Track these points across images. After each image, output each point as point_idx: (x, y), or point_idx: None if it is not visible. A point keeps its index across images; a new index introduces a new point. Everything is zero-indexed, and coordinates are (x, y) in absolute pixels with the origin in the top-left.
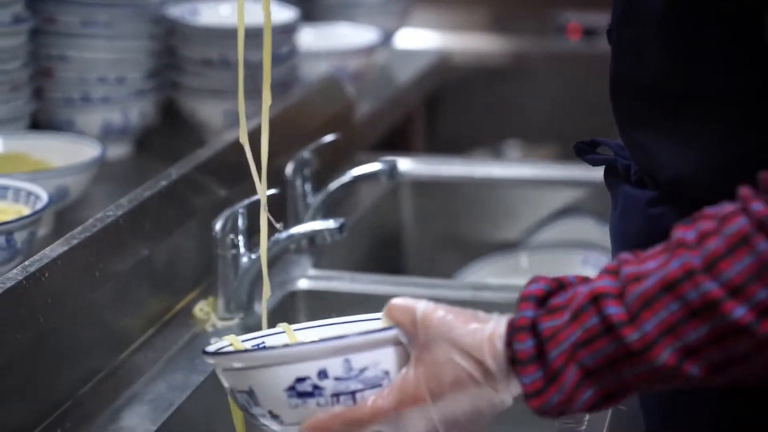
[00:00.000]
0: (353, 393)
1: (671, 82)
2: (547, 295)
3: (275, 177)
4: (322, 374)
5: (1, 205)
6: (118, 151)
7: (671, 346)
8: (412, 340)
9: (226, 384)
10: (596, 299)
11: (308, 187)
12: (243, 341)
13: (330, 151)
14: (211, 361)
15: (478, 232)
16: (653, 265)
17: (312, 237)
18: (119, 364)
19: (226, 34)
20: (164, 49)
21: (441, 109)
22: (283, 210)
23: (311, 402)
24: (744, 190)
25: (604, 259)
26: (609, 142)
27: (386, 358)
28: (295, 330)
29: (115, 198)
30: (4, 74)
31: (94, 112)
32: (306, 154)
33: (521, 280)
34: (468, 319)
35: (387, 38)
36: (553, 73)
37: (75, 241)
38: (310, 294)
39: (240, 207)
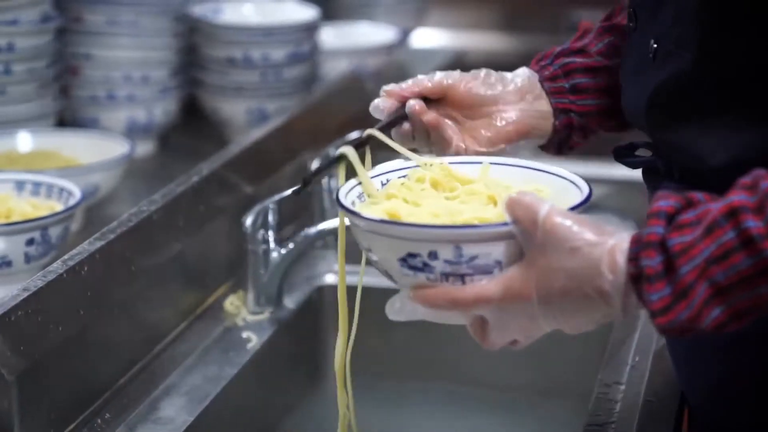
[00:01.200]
0: (462, 276)
1: (711, 70)
2: (677, 211)
3: (301, 173)
4: (433, 255)
5: (34, 201)
6: (142, 148)
7: None
8: (530, 239)
9: (355, 235)
10: (733, 213)
11: (334, 183)
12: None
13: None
14: (343, 212)
15: None
16: None
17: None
18: (155, 356)
19: (249, 33)
20: (187, 47)
21: None
22: (309, 206)
23: (421, 275)
24: None
25: None
26: (644, 144)
27: (498, 250)
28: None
29: (140, 194)
30: (31, 72)
31: (118, 109)
32: (331, 150)
33: None
34: (592, 230)
35: (405, 36)
36: None
37: (112, 236)
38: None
39: (270, 202)
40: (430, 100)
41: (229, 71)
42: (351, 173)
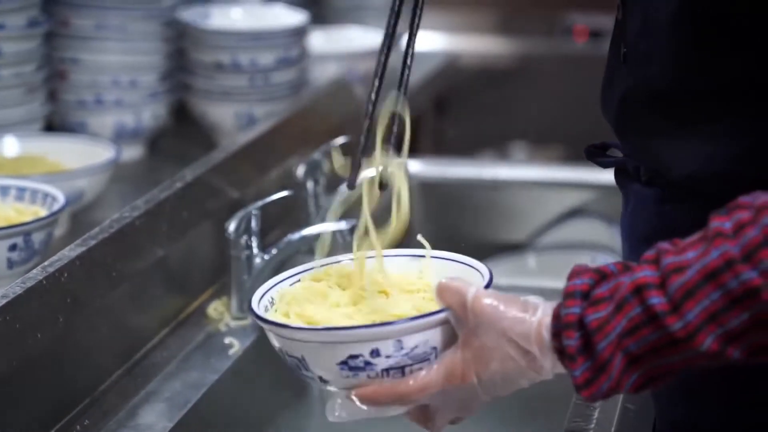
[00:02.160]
0: (402, 368)
1: (683, 84)
2: (591, 288)
3: (287, 178)
4: (375, 353)
5: (18, 206)
6: (131, 153)
7: (714, 333)
8: (462, 323)
9: (275, 344)
10: (639, 290)
11: (320, 189)
12: (296, 273)
13: (342, 153)
14: (265, 327)
15: (485, 233)
16: (693, 255)
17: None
18: (136, 362)
19: (237, 38)
20: (176, 52)
21: (449, 110)
22: (295, 212)
23: (362, 374)
24: None
25: (611, 261)
26: (618, 144)
27: (435, 337)
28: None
29: (128, 199)
30: (19, 77)
31: (107, 114)
32: (317, 156)
33: (529, 281)
34: (516, 308)
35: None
36: (560, 74)
37: (93, 242)
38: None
39: (253, 208)
40: None
41: (218, 76)
42: None
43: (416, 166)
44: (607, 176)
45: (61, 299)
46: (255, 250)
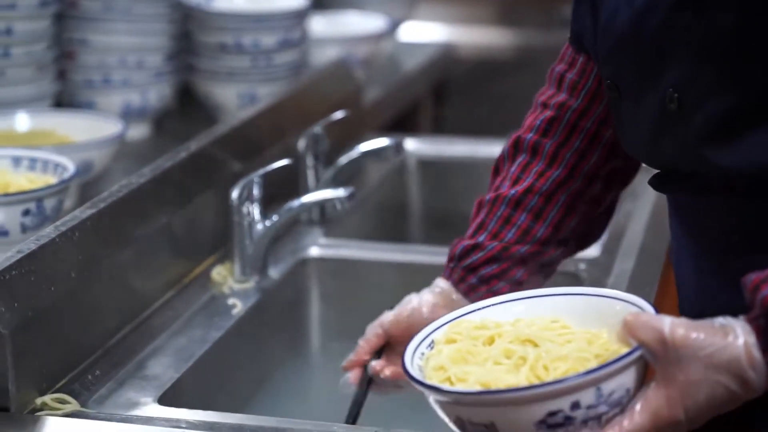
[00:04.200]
0: (600, 416)
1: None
2: None
3: (288, 152)
4: (575, 405)
5: (30, 175)
6: (137, 131)
7: None
8: (660, 359)
9: (453, 413)
10: None
11: (319, 161)
12: (426, 336)
13: (340, 131)
14: (448, 399)
15: None
16: None
17: (323, 206)
18: (143, 320)
19: (240, 20)
20: (181, 34)
21: (447, 101)
22: (295, 183)
23: (560, 430)
24: None
25: (604, 236)
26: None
27: (630, 378)
28: (483, 308)
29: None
30: (29, 55)
31: (114, 93)
32: (317, 129)
33: None
34: (716, 333)
35: (394, 27)
36: None
37: (102, 205)
38: (321, 261)
39: (255, 176)
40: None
41: (221, 57)
42: None
43: (414, 145)
44: None
45: (72, 256)
46: (257, 217)
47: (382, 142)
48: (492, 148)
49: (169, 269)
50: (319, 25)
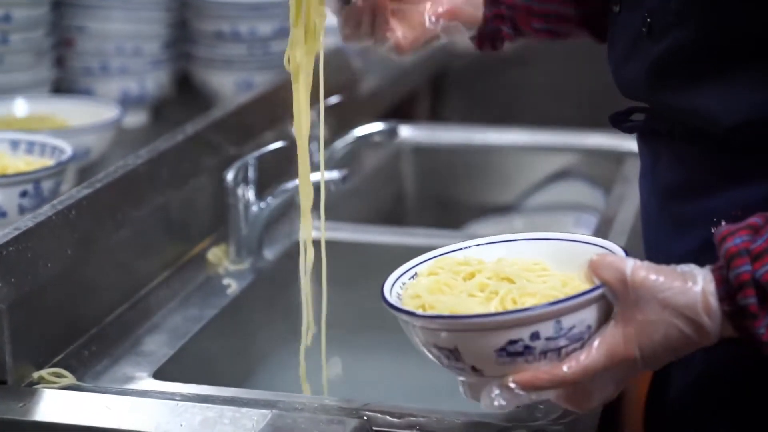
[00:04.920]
0: (559, 349)
1: (720, 38)
2: (752, 243)
3: (283, 137)
4: (534, 336)
5: (28, 158)
6: (135, 118)
7: None
8: (620, 298)
9: (420, 337)
10: None
11: (315, 145)
12: (410, 267)
13: (337, 119)
14: (422, 324)
15: (474, 195)
16: None
17: (317, 188)
18: (139, 299)
19: (237, 7)
20: (179, 21)
21: (445, 94)
22: (291, 166)
23: (519, 360)
24: None
25: (594, 220)
26: (641, 108)
27: (591, 315)
28: (468, 247)
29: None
30: (28, 42)
31: (112, 81)
32: (312, 114)
33: None
34: (677, 278)
35: None
36: (557, 58)
37: (99, 185)
38: (316, 243)
39: (250, 158)
40: None
41: (218, 45)
42: None
43: (409, 132)
44: (591, 140)
45: (69, 234)
46: (252, 199)
47: (376, 126)
48: (486, 135)
49: (165, 250)
50: None
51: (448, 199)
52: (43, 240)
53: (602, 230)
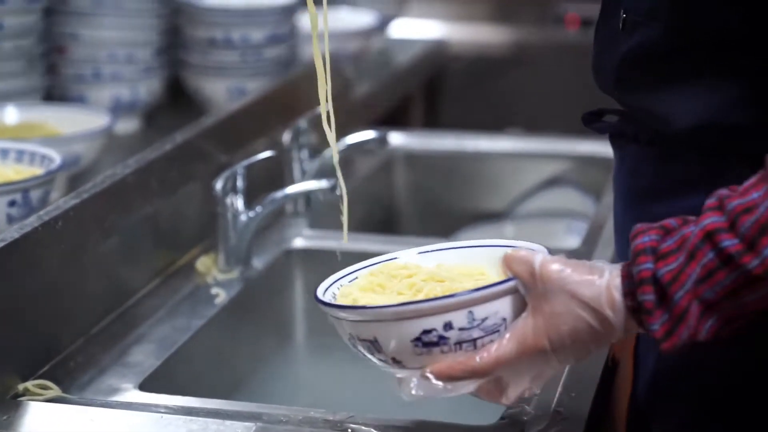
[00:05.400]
0: (474, 340)
1: (681, 37)
2: (658, 243)
3: (274, 145)
4: (448, 326)
5: (17, 167)
6: (127, 125)
7: None
8: (530, 291)
9: (346, 330)
10: (709, 236)
11: (305, 154)
12: (353, 271)
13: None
14: (339, 314)
15: (466, 202)
16: (758, 194)
17: (308, 197)
18: (127, 308)
19: (229, 14)
20: (171, 28)
21: (441, 99)
22: (280, 175)
23: (435, 350)
24: None
25: (585, 227)
26: (613, 110)
27: (504, 307)
28: (396, 257)
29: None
30: (19, 49)
31: (104, 88)
32: (302, 122)
33: None
34: (584, 271)
35: (385, 23)
36: (552, 62)
37: (86, 195)
38: (305, 252)
39: (239, 167)
40: None
41: (211, 51)
42: None
43: (401, 139)
44: (582, 147)
45: (55, 245)
46: (241, 208)
47: (367, 134)
48: (478, 142)
49: (153, 260)
50: (308, 20)
51: (440, 206)
52: (29, 251)
53: (592, 237)
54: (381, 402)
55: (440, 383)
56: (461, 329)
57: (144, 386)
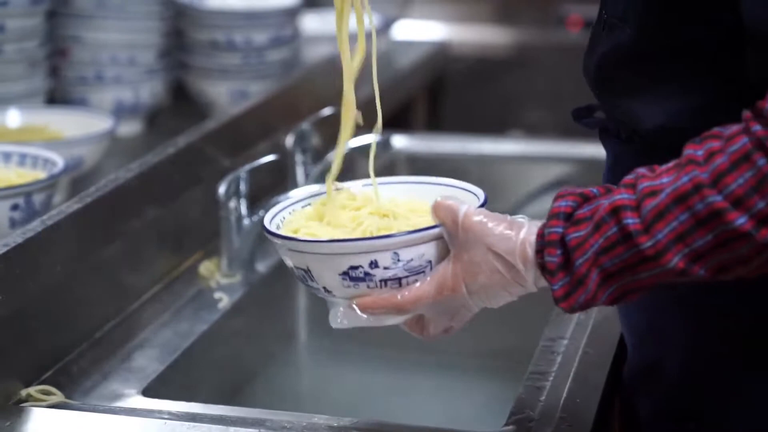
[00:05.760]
0: (399, 279)
1: (651, 43)
2: (573, 210)
3: (277, 149)
4: (373, 264)
5: (20, 170)
6: (129, 128)
7: (681, 252)
8: (453, 239)
9: (285, 258)
10: (616, 211)
11: (308, 157)
12: (308, 196)
13: (331, 128)
14: (276, 241)
15: None
16: (667, 180)
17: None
18: (130, 313)
19: (232, 17)
20: (173, 31)
21: (443, 100)
22: (284, 179)
23: (362, 285)
24: (745, 113)
25: None
26: (602, 106)
27: (429, 251)
28: (366, 185)
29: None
30: (22, 52)
31: (106, 90)
32: (305, 126)
33: None
34: (503, 226)
35: (387, 25)
36: (554, 64)
37: (89, 199)
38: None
39: (242, 172)
40: None
41: (213, 54)
42: None
43: (405, 142)
44: (587, 150)
45: (58, 250)
46: (244, 212)
47: (369, 138)
48: (481, 145)
49: (156, 264)
50: (312, 22)
51: None
52: (32, 256)
53: None
54: (386, 408)
55: (364, 315)
56: (386, 268)
57: (147, 392)
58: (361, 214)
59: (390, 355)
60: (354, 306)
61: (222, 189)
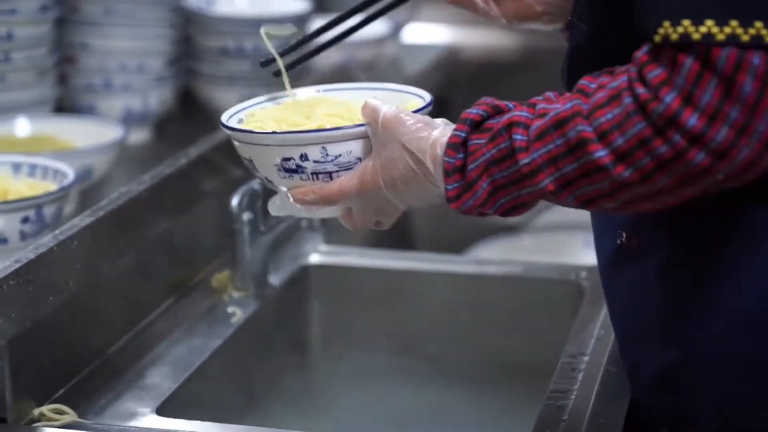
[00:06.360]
0: (330, 173)
1: (605, 42)
2: (482, 119)
3: None
4: (303, 157)
5: (30, 181)
6: (138, 136)
7: (552, 176)
8: (374, 136)
9: (238, 151)
10: (510, 126)
11: None
12: (268, 99)
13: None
14: (226, 131)
15: None
16: (559, 106)
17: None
18: (143, 328)
19: (241, 24)
20: (182, 38)
21: (452, 103)
22: None
23: (296, 176)
24: (637, 53)
25: None
26: None
27: (358, 148)
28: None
29: (136, 180)
30: (30, 60)
31: (115, 98)
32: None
33: (525, 261)
34: (420, 127)
35: (397, 30)
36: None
37: (101, 213)
38: (322, 268)
39: (255, 183)
40: None
41: (223, 61)
42: None
43: None
44: None
45: (71, 265)
46: (257, 224)
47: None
48: None
49: (169, 277)
50: None
51: (456, 218)
52: (44, 272)
53: None
54: (401, 423)
55: (298, 205)
56: (316, 162)
57: (161, 410)
58: (315, 113)
59: (405, 371)
60: (288, 195)
61: (235, 201)
